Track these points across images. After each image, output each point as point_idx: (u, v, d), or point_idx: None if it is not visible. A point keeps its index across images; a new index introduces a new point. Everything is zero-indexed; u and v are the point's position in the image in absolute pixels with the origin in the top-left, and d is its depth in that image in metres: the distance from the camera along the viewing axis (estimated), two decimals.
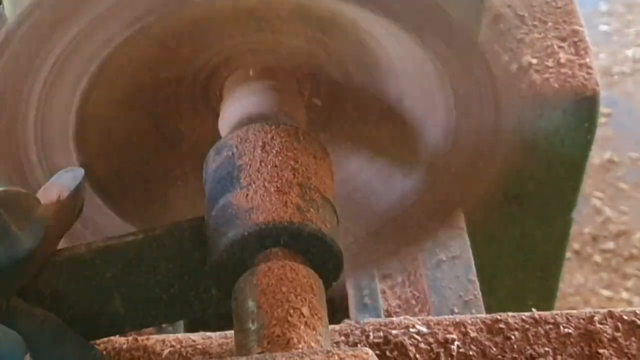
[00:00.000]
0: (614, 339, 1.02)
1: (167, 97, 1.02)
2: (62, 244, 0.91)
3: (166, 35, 0.96)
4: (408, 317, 1.05)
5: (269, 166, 0.90)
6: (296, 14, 0.97)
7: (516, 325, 1.03)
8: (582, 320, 1.03)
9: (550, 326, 1.03)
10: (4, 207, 0.83)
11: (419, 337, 1.02)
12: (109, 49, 0.91)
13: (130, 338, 1.03)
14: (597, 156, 2.53)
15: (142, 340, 1.03)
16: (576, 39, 1.45)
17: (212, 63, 1.01)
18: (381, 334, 1.03)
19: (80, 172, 0.94)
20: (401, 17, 0.91)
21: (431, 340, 1.02)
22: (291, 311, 0.82)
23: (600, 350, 1.01)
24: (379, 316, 1.22)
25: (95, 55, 0.92)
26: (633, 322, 1.03)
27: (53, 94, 0.93)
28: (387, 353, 1.02)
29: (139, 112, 1.03)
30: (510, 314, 1.05)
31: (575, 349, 1.02)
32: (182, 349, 1.02)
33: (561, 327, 1.03)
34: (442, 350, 1.02)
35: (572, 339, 1.02)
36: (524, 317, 1.04)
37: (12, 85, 0.91)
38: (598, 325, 1.03)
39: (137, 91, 1.01)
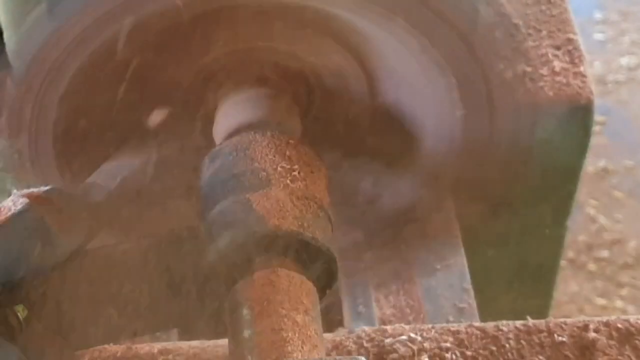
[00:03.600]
0: (608, 348, 1.02)
1: (160, 103, 1.02)
2: None
3: (160, 41, 0.96)
4: (402, 325, 1.05)
5: (264, 174, 0.90)
6: (290, 19, 0.97)
7: (510, 334, 1.03)
8: (576, 329, 1.03)
9: (545, 334, 1.03)
10: (49, 208, 0.82)
11: (413, 346, 1.02)
12: (99, 49, 0.92)
13: (123, 346, 1.02)
14: (591, 164, 2.52)
15: (136, 348, 1.03)
16: (571, 47, 1.45)
17: (206, 70, 1.01)
18: (375, 342, 1.03)
19: (123, 169, 0.94)
20: (402, 23, 0.91)
21: (426, 348, 1.02)
22: (285, 319, 0.82)
23: (594, 359, 1.01)
24: (373, 324, 1.21)
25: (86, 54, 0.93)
26: (627, 330, 1.03)
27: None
28: None
29: (130, 116, 1.03)
30: (504, 322, 1.04)
31: (569, 357, 1.01)
32: (176, 357, 1.02)
33: (555, 336, 1.03)
34: (437, 358, 1.01)
35: (566, 347, 1.02)
36: (518, 325, 1.04)
37: None
38: (592, 334, 1.03)
39: (129, 96, 1.01)
